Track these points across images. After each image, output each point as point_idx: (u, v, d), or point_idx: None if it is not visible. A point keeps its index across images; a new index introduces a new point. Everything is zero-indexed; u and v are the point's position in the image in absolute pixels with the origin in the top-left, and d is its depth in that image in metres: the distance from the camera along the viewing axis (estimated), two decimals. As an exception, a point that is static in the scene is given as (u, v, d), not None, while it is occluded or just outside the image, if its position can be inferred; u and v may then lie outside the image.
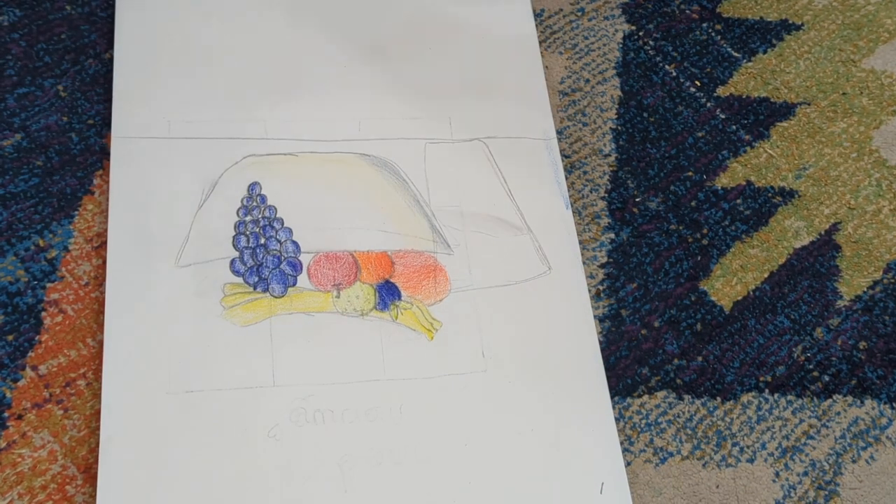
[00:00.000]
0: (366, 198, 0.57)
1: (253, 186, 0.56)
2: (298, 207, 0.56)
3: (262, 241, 0.54)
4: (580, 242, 0.59)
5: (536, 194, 0.59)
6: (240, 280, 0.53)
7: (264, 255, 0.54)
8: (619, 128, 0.63)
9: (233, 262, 0.53)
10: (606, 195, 0.61)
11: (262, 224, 0.55)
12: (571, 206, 0.60)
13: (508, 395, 0.52)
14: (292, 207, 0.56)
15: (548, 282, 0.56)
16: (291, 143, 0.57)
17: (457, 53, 0.63)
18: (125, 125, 0.56)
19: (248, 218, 0.55)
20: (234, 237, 0.54)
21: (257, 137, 0.57)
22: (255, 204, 0.55)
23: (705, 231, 0.60)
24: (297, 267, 0.54)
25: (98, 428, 0.48)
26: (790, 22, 0.70)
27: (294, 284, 0.54)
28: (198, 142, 0.56)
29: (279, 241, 0.55)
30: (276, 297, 0.53)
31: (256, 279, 0.53)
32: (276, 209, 0.55)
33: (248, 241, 0.54)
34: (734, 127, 0.65)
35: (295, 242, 0.55)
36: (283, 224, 0.55)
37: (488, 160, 0.59)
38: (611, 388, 0.54)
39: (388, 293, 0.54)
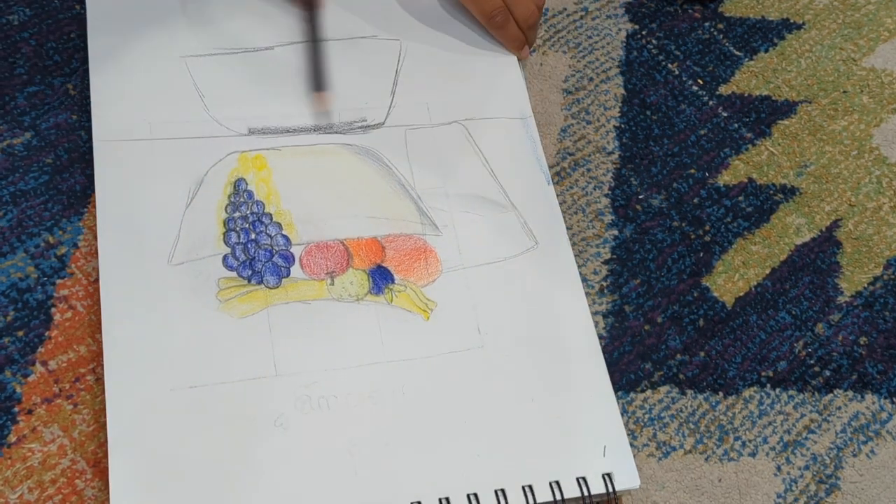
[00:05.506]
0: (351, 186, 0.57)
1: (239, 183, 0.56)
2: (285, 200, 0.56)
3: (253, 236, 0.55)
4: (583, 239, 0.59)
5: (518, 171, 0.59)
6: (233, 274, 0.54)
7: (256, 250, 0.54)
8: (623, 126, 0.64)
9: (225, 258, 0.54)
10: (610, 192, 0.61)
11: (251, 220, 0.55)
12: (575, 203, 0.60)
13: (506, 367, 0.53)
14: (279, 200, 0.56)
15: (536, 256, 0.57)
16: (273, 137, 0.58)
17: (429, 41, 0.63)
18: (106, 129, 0.56)
19: (237, 214, 0.55)
20: (224, 234, 0.54)
21: (239, 134, 0.57)
22: (242, 200, 0.56)
23: (707, 228, 0.61)
24: (289, 259, 0.54)
25: (107, 423, 0.49)
26: (791, 21, 0.71)
27: (288, 276, 0.54)
28: (180, 142, 0.56)
29: (269, 235, 0.55)
30: (271, 288, 0.53)
31: (250, 272, 0.54)
32: (263, 204, 0.56)
33: (238, 237, 0.55)
34: (736, 125, 0.65)
35: (285, 236, 0.55)
36: (271, 219, 0.55)
37: (468, 142, 0.60)
38: (614, 384, 0.54)
39: (381, 277, 0.55)
